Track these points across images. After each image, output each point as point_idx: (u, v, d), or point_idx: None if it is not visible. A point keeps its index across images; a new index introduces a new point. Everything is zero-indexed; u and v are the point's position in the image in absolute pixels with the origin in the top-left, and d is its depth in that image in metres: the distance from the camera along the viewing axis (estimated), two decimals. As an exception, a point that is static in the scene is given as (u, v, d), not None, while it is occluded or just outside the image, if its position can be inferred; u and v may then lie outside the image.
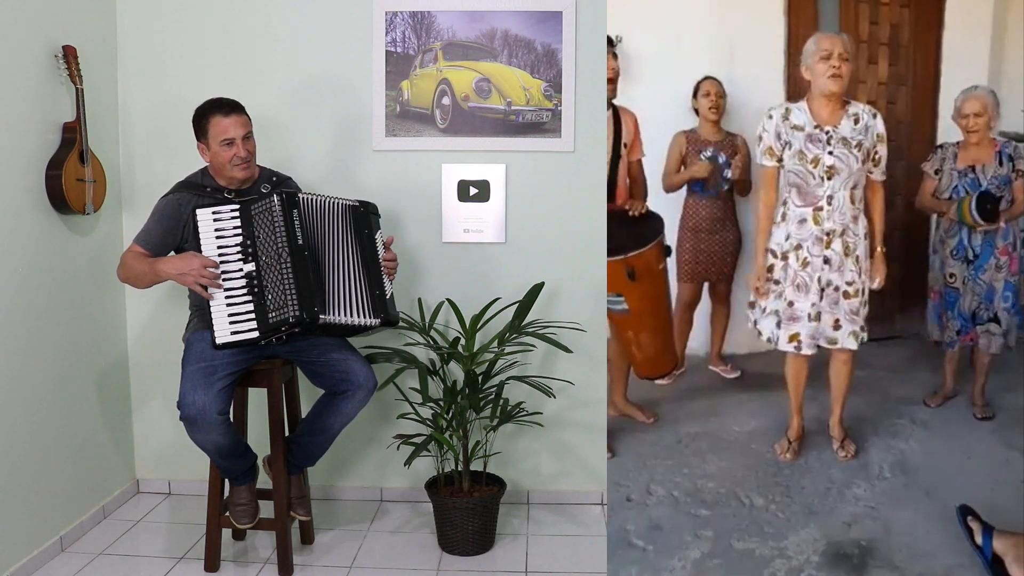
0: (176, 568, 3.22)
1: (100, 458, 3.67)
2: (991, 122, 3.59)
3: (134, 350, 3.92)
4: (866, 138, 3.13)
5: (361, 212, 3.14)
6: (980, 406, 3.72)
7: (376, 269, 3.12)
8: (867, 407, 3.80)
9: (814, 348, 3.22)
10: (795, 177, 3.16)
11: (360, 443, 3.90)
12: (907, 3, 4.61)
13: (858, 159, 3.11)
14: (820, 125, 3.13)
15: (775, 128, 3.17)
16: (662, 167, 4.03)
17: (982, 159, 3.62)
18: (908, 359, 4.38)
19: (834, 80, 3.05)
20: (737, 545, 2.77)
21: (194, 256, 2.94)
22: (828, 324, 3.19)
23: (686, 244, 4.12)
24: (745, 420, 3.74)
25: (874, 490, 3.08)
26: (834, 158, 3.09)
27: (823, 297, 3.18)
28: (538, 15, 3.74)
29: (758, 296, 3.30)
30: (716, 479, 3.21)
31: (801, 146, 3.12)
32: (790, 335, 3.21)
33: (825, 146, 3.10)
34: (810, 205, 3.16)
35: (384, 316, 3.09)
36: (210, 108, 3.08)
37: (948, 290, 3.70)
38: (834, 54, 3.05)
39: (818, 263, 3.16)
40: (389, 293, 3.16)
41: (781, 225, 3.23)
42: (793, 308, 3.20)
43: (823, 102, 3.15)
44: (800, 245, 3.18)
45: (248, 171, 3.11)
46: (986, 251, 3.60)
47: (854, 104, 3.17)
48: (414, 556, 3.36)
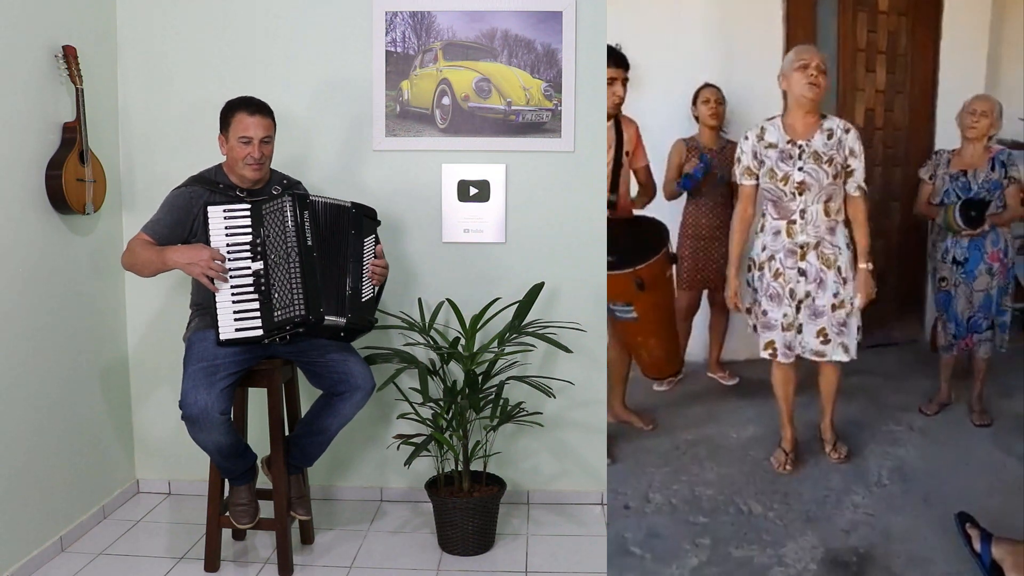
0: (176, 568, 3.23)
1: (100, 458, 3.68)
2: (991, 128, 3.62)
3: (134, 350, 3.92)
4: (837, 153, 3.14)
5: (355, 213, 3.15)
6: (978, 412, 3.72)
7: (357, 269, 3.12)
8: (865, 414, 3.80)
9: (791, 357, 3.24)
10: (768, 194, 3.21)
11: (360, 443, 3.91)
12: (905, 12, 4.63)
13: (828, 174, 3.13)
14: (793, 140, 3.15)
15: (751, 148, 3.21)
16: (662, 174, 4.02)
17: (975, 164, 3.64)
18: (906, 365, 4.38)
19: (810, 88, 3.08)
20: (735, 553, 2.77)
21: (204, 247, 2.96)
22: (811, 336, 3.20)
23: (686, 251, 4.12)
24: (743, 427, 3.74)
25: (872, 497, 3.08)
26: (803, 174, 3.12)
27: (800, 309, 3.20)
28: (538, 15, 3.72)
29: (735, 310, 3.35)
30: (714, 486, 3.21)
31: (773, 164, 3.16)
32: (765, 343, 3.26)
33: (796, 162, 3.13)
34: (784, 218, 3.20)
35: (351, 315, 3.06)
36: (238, 104, 3.11)
37: (941, 294, 3.73)
38: (812, 64, 3.08)
39: (792, 275, 3.19)
40: (367, 296, 3.15)
41: (759, 236, 3.27)
42: (767, 317, 3.24)
43: (798, 115, 3.17)
44: (773, 256, 3.22)
45: (259, 172, 3.13)
46: (974, 255, 3.62)
47: (830, 119, 3.19)
48: (414, 556, 3.37)
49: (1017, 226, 3.81)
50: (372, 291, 3.18)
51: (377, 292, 3.22)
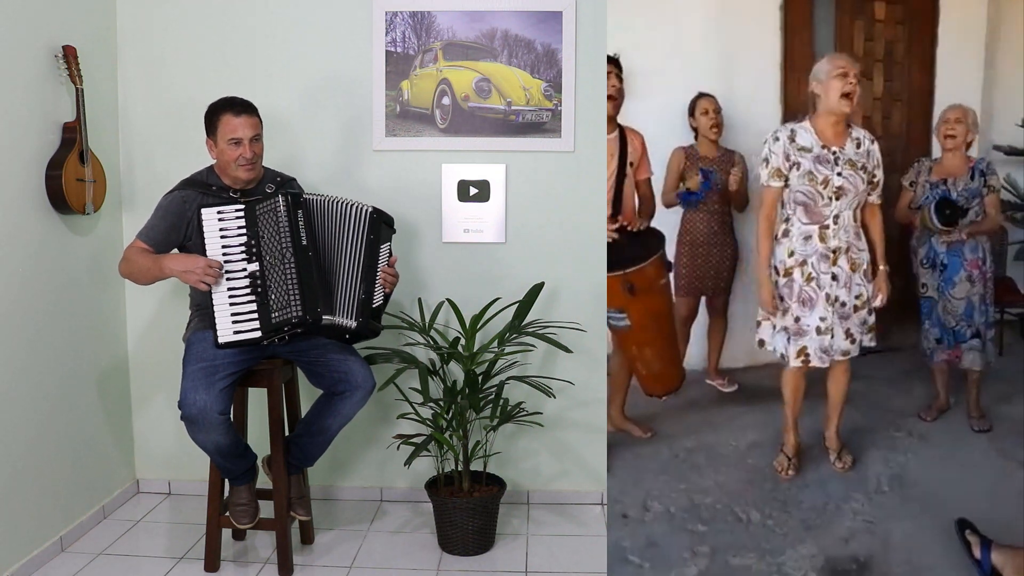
0: (176, 568, 3.24)
1: (100, 458, 3.68)
2: (968, 135, 3.65)
3: (134, 350, 3.92)
4: (868, 161, 3.17)
5: (375, 219, 3.12)
6: (976, 418, 3.72)
7: (371, 275, 3.11)
8: (864, 420, 3.79)
9: (826, 361, 3.22)
10: (802, 196, 3.15)
11: (360, 443, 3.91)
12: (902, 20, 4.66)
13: (863, 180, 3.14)
14: (827, 146, 3.13)
15: (783, 150, 3.15)
16: (661, 183, 4.01)
17: (955, 173, 3.67)
18: (905, 371, 4.36)
19: (847, 100, 3.06)
20: (734, 561, 2.77)
21: (199, 257, 2.95)
22: (841, 338, 3.21)
23: (683, 258, 4.12)
24: (742, 434, 3.73)
25: (872, 504, 3.07)
26: (843, 179, 3.11)
27: (832, 312, 3.18)
28: (538, 15, 3.71)
29: (771, 313, 3.26)
30: (713, 494, 3.20)
31: (811, 167, 3.11)
32: (798, 350, 3.21)
33: (834, 167, 3.11)
34: (816, 223, 3.16)
35: (362, 320, 3.06)
36: (222, 106, 3.09)
37: (923, 300, 3.75)
38: (850, 73, 3.07)
39: (826, 280, 3.17)
40: (377, 303, 3.14)
41: (782, 242, 3.22)
42: (799, 323, 3.20)
43: (829, 122, 3.15)
44: (805, 261, 3.18)
45: (252, 172, 3.12)
46: (954, 261, 3.63)
47: (856, 128, 3.21)
48: (414, 556, 3.38)
49: (1016, 232, 3.83)
50: (382, 298, 3.18)
51: (384, 299, 3.21)
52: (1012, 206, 4.78)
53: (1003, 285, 4.56)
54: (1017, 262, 4.84)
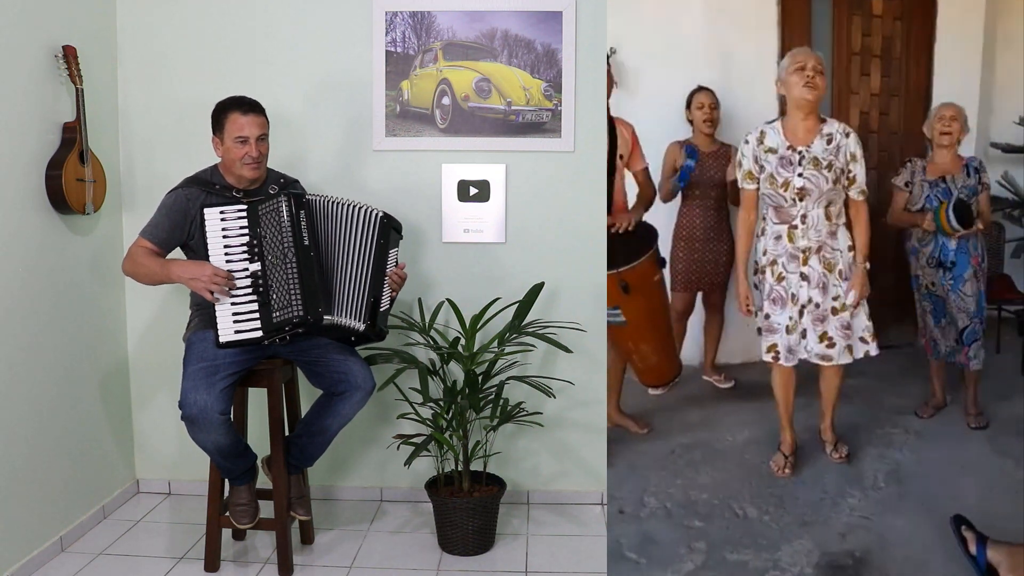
0: (176, 568, 3.24)
1: (100, 458, 3.69)
2: (962, 132, 3.66)
3: (134, 350, 3.93)
4: (837, 158, 3.13)
5: (385, 224, 3.13)
6: (973, 415, 3.73)
7: (379, 278, 3.12)
8: (861, 416, 3.80)
9: (793, 360, 3.23)
10: (770, 199, 3.19)
11: (360, 443, 3.91)
12: (900, 16, 4.65)
13: (828, 179, 3.11)
14: (792, 146, 3.13)
15: (752, 152, 3.19)
16: (656, 177, 4.00)
17: (950, 170, 3.67)
18: (902, 369, 4.37)
19: (808, 89, 3.05)
20: (730, 557, 2.78)
21: (206, 264, 2.95)
22: (815, 341, 3.19)
23: (680, 253, 4.13)
24: (739, 430, 3.74)
25: (868, 500, 3.08)
26: (803, 179, 3.10)
27: (803, 313, 3.19)
28: (538, 15, 3.72)
29: (743, 313, 3.33)
30: (709, 490, 3.21)
31: (772, 170, 3.14)
32: (768, 346, 3.25)
33: (795, 168, 3.11)
34: (785, 223, 3.19)
35: (371, 323, 3.08)
36: (230, 104, 3.10)
37: (934, 299, 3.73)
38: (808, 65, 3.06)
39: (794, 279, 3.18)
40: (384, 306, 3.15)
41: (761, 239, 3.27)
42: (769, 320, 3.23)
43: (798, 118, 3.15)
44: (775, 260, 3.21)
45: (257, 172, 3.13)
46: (962, 259, 3.62)
47: (830, 123, 3.17)
48: (414, 556, 3.38)
49: (1014, 229, 3.84)
50: (389, 302, 3.19)
51: (390, 303, 3.22)
52: (1010, 203, 4.79)
53: (1001, 282, 4.57)
54: (1013, 259, 4.85)
